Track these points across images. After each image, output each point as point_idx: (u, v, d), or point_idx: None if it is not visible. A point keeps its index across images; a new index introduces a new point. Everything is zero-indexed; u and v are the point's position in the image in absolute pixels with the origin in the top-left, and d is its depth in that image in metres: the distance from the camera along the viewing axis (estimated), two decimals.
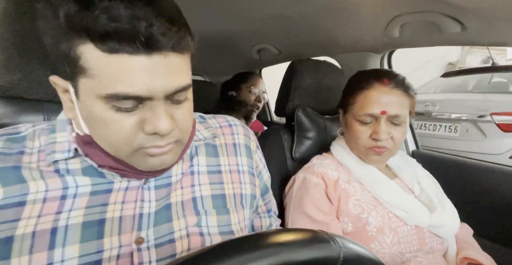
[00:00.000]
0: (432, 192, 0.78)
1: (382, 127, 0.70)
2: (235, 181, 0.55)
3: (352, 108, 0.75)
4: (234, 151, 0.57)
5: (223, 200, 0.52)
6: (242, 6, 0.90)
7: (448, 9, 0.71)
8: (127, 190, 0.46)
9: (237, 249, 0.24)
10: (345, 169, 0.78)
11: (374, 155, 0.74)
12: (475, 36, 0.80)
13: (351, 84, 0.79)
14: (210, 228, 0.49)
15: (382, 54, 1.15)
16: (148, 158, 0.42)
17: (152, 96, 0.38)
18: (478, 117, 2.60)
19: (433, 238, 0.71)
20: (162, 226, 0.46)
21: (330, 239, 0.27)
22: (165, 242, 0.45)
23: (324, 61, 1.01)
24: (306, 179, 0.76)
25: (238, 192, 0.54)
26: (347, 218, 0.70)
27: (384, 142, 0.71)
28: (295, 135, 0.92)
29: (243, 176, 0.56)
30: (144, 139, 0.40)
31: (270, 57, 1.45)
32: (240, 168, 0.57)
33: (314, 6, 0.84)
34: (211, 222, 0.49)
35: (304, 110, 0.93)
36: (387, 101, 0.70)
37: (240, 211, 0.54)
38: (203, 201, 0.50)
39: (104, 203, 0.44)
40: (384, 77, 0.72)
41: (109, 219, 0.43)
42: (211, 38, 1.26)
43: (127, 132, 0.39)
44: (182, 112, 0.43)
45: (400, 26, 0.86)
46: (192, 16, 1.14)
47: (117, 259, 0.42)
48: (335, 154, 0.81)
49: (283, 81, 0.98)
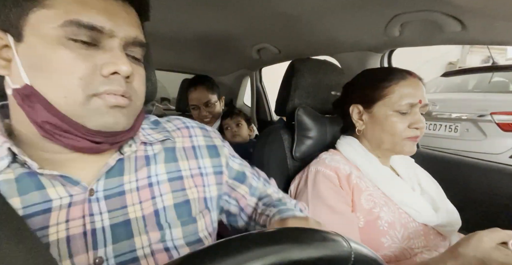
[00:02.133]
0: (433, 193, 0.78)
1: (420, 115, 0.72)
2: (198, 184, 0.52)
3: (388, 99, 0.73)
4: (194, 154, 0.54)
5: (188, 207, 0.49)
6: (242, 5, 0.89)
7: (449, 8, 0.71)
8: (71, 206, 0.40)
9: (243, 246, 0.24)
10: (354, 166, 0.78)
11: (411, 145, 0.74)
12: (475, 35, 0.79)
13: (375, 78, 0.77)
14: (176, 241, 0.46)
15: (382, 53, 1.15)
16: (102, 112, 0.38)
17: (112, 32, 0.38)
18: (478, 116, 2.60)
19: (437, 235, 0.73)
20: (123, 243, 0.42)
21: (342, 239, 0.27)
22: (128, 261, 0.42)
23: (324, 61, 1.01)
24: (319, 172, 0.75)
25: (202, 196, 0.52)
26: (359, 213, 0.70)
27: (421, 129, 0.73)
28: (296, 134, 0.92)
29: (206, 179, 0.54)
30: (100, 81, 0.38)
31: (270, 56, 1.45)
32: (202, 171, 0.54)
33: (314, 5, 0.84)
34: (175, 234, 0.46)
35: (304, 109, 0.93)
36: (420, 91, 0.73)
37: (206, 215, 0.51)
38: (166, 213, 0.46)
39: (44, 226, 0.38)
40: (410, 71, 0.75)
41: (53, 243, 0.38)
42: (211, 37, 1.26)
43: (82, 71, 0.37)
44: (138, 73, 0.43)
45: (400, 25, 0.86)
46: (192, 16, 1.15)
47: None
48: (344, 152, 0.81)
49: (283, 80, 0.98)
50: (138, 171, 0.47)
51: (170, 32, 1.21)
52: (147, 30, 0.48)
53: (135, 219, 0.44)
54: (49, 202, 0.39)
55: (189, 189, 0.51)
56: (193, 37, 1.26)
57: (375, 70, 0.81)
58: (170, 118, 0.59)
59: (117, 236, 0.42)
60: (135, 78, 0.42)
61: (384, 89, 0.74)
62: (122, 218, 0.43)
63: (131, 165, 0.47)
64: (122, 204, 0.44)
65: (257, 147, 0.96)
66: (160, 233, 0.45)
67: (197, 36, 1.24)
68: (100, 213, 0.42)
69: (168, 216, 0.47)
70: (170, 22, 1.09)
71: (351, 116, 0.80)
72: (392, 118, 0.73)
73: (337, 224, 0.68)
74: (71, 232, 0.39)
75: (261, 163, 0.91)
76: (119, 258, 0.41)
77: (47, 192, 0.39)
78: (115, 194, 0.44)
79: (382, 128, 0.74)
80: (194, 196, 0.51)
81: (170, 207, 0.47)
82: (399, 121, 0.72)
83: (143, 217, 0.45)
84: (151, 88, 0.63)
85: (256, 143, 1.02)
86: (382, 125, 0.75)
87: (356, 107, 0.79)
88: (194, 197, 0.50)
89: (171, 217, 0.47)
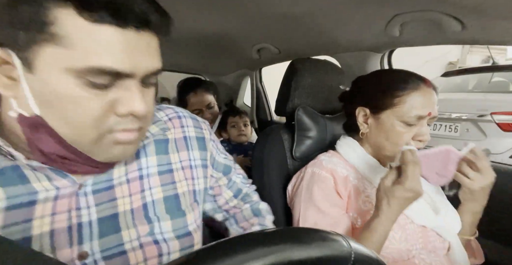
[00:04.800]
0: (433, 194, 0.78)
1: (427, 128, 0.71)
2: (188, 177, 0.52)
3: (397, 108, 0.71)
4: (185, 145, 0.53)
5: (177, 201, 0.49)
6: (242, 5, 0.89)
7: (449, 8, 0.71)
8: (57, 199, 0.39)
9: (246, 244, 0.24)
10: (353, 168, 0.78)
11: None
12: (475, 35, 0.79)
13: (388, 84, 0.73)
14: (165, 234, 0.46)
15: (383, 53, 1.15)
16: (112, 146, 0.38)
17: (133, 74, 0.36)
18: (478, 116, 2.60)
19: (435, 237, 0.72)
20: (110, 237, 0.41)
21: (342, 239, 0.27)
22: (115, 255, 0.41)
23: (324, 61, 1.01)
24: (315, 174, 0.75)
25: (192, 189, 0.52)
26: (357, 214, 0.70)
27: (424, 142, 0.72)
28: (295, 134, 0.92)
29: (195, 171, 0.54)
30: (114, 121, 0.36)
31: (270, 56, 1.45)
32: (192, 163, 0.53)
33: (314, 5, 0.84)
34: (165, 227, 0.46)
35: (304, 109, 0.93)
36: (432, 103, 0.70)
37: (195, 208, 0.52)
38: (155, 206, 0.46)
39: (27, 219, 0.37)
40: (425, 79, 0.72)
41: (36, 237, 0.37)
42: (211, 37, 1.26)
43: (97, 112, 0.35)
44: (150, 97, 0.40)
45: (400, 25, 0.86)
46: (192, 16, 1.15)
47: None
48: (343, 154, 0.80)
49: (283, 80, 0.98)
50: (128, 164, 0.47)
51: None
52: None
53: (123, 213, 0.44)
54: (35, 194, 0.38)
55: (179, 182, 0.51)
56: (193, 37, 1.26)
57: (390, 74, 0.78)
58: (162, 107, 0.57)
59: (104, 230, 0.41)
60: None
61: (395, 98, 0.71)
62: (109, 211, 0.43)
63: None
64: (110, 197, 0.43)
65: (257, 147, 0.96)
66: (149, 226, 0.45)
67: (197, 36, 1.24)
68: (88, 207, 0.41)
69: (157, 209, 0.46)
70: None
71: (357, 118, 0.78)
72: (398, 128, 0.71)
73: (324, 225, 0.68)
74: (56, 225, 0.39)
75: (261, 163, 0.91)
76: (105, 252, 0.41)
77: (32, 186, 0.38)
78: (104, 189, 0.43)
79: (387, 136, 0.73)
80: (184, 189, 0.51)
81: (159, 200, 0.47)
82: (404, 132, 0.71)
83: (131, 210, 0.44)
84: None
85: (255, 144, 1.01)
86: (387, 133, 0.73)
87: (363, 109, 0.77)
88: (184, 191, 0.51)
89: (159, 210, 0.47)
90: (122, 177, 0.45)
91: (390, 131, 0.72)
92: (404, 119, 0.70)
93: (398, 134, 0.71)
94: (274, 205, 0.84)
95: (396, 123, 0.71)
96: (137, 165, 0.47)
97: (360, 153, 0.78)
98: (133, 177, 0.46)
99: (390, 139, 0.73)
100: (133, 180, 0.46)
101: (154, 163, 0.49)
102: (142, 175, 0.47)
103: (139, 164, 0.48)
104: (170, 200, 0.48)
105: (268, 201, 0.73)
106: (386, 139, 0.74)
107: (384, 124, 0.73)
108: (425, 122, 0.71)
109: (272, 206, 0.73)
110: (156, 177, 0.48)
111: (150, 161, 0.49)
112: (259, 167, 0.91)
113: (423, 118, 0.70)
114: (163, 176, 0.49)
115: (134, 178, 0.46)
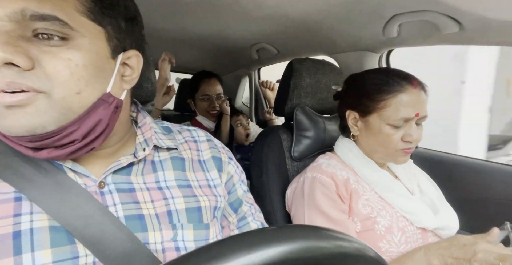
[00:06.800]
0: (433, 195, 0.78)
1: (415, 129, 0.70)
2: (208, 194, 0.51)
3: (383, 112, 0.71)
4: (201, 168, 0.53)
5: (199, 214, 0.48)
6: (241, 5, 0.90)
7: (446, 9, 0.71)
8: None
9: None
10: (352, 170, 0.78)
11: (403, 156, 0.73)
12: (473, 35, 0.80)
13: (373, 87, 0.73)
14: (186, 243, 0.45)
15: (381, 53, 1.15)
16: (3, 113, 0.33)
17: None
18: None
19: (435, 238, 0.72)
20: (137, 235, 0.41)
21: (352, 240, 0.28)
22: None
23: (322, 61, 1.01)
24: (316, 178, 0.75)
25: (214, 205, 0.51)
26: (356, 218, 0.70)
27: (414, 142, 0.71)
28: (294, 134, 0.93)
29: (215, 190, 0.52)
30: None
31: (269, 56, 1.45)
32: (210, 183, 0.53)
33: (312, 5, 0.84)
34: (187, 236, 0.45)
35: (303, 109, 0.93)
36: (419, 104, 0.70)
37: (216, 224, 0.51)
38: (179, 214, 0.46)
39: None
40: (411, 78, 0.71)
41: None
42: (210, 37, 1.26)
43: None
44: (56, 57, 0.33)
45: (398, 26, 0.86)
46: (191, 16, 1.15)
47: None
48: (341, 155, 0.80)
49: (281, 80, 0.98)
50: (145, 175, 0.47)
51: (169, 32, 1.21)
52: (147, 30, 0.48)
53: (149, 215, 0.43)
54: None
55: (200, 196, 0.50)
56: (193, 37, 1.26)
57: (375, 75, 0.75)
58: (182, 129, 0.57)
59: (132, 227, 0.41)
60: (48, 64, 0.33)
61: (380, 102, 0.71)
62: (135, 211, 0.43)
63: (138, 168, 0.47)
64: (133, 199, 0.43)
65: (256, 147, 0.96)
66: (173, 232, 0.44)
67: (197, 36, 1.24)
68: (114, 204, 0.42)
69: (180, 218, 0.46)
70: (170, 22, 1.09)
71: (347, 120, 0.79)
72: (386, 131, 0.71)
73: None
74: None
75: (260, 163, 0.91)
76: None
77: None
78: (126, 190, 0.43)
79: (376, 138, 0.74)
80: (206, 204, 0.49)
81: (182, 210, 0.47)
82: (392, 134, 0.71)
83: (156, 215, 0.44)
84: (150, 88, 0.63)
85: (254, 144, 1.02)
86: (375, 136, 0.74)
87: (352, 113, 0.78)
88: (206, 205, 0.49)
89: (183, 219, 0.46)
90: (141, 184, 0.45)
91: (379, 134, 0.73)
92: (391, 122, 0.70)
93: (386, 137, 0.71)
94: (273, 205, 0.84)
95: (384, 126, 0.71)
96: (155, 178, 0.47)
97: (357, 154, 0.78)
98: (153, 187, 0.46)
99: (379, 142, 0.73)
100: (152, 189, 0.46)
101: (172, 177, 0.49)
102: (161, 187, 0.47)
103: (156, 177, 0.47)
104: (193, 212, 0.48)
105: (267, 201, 0.73)
106: (376, 142, 0.74)
107: (372, 127, 0.74)
108: (413, 123, 0.70)
109: (271, 206, 0.73)
110: (177, 189, 0.48)
111: (168, 175, 0.48)
112: (258, 167, 0.92)
113: (410, 119, 0.70)
114: (183, 189, 0.48)
115: (154, 188, 0.46)
